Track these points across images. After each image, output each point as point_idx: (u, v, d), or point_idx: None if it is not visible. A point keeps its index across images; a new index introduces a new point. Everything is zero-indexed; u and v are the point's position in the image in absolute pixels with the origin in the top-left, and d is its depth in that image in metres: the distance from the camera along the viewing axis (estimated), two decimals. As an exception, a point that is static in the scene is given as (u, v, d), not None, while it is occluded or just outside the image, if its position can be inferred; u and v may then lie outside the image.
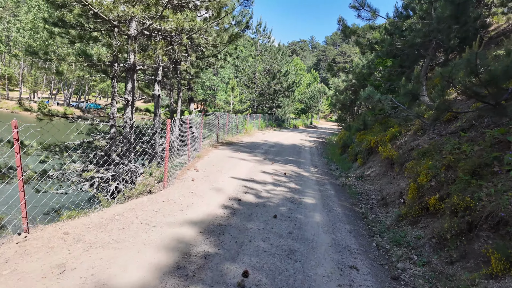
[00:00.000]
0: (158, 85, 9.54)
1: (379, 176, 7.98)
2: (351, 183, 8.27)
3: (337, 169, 10.32)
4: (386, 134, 9.00)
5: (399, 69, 7.78)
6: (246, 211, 5.00)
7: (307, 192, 6.72)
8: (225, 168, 7.94)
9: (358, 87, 16.26)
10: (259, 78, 30.85)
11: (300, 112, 55.66)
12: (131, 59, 6.69)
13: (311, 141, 19.14)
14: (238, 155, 10.33)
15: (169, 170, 6.74)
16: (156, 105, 9.66)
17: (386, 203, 6.30)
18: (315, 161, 11.29)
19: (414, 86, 4.64)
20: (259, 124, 24.18)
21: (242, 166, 8.48)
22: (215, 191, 5.89)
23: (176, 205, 4.87)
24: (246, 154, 10.73)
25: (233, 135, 17.26)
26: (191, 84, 13.32)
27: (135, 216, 4.28)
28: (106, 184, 6.66)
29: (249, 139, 15.96)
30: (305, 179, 7.93)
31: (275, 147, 13.71)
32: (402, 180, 6.54)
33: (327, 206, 5.90)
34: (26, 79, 59.45)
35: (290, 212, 5.24)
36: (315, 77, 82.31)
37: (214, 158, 9.32)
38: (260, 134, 19.83)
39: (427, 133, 6.83)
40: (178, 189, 5.74)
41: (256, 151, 11.87)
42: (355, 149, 11.11)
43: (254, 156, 10.44)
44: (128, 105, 6.86)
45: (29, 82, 60.24)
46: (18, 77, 58.81)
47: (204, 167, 7.83)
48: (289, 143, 16.08)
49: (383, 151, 8.09)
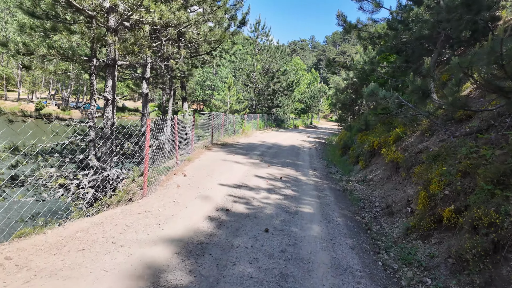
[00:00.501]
0: (146, 83, 8.94)
1: (383, 180, 7.36)
2: (353, 188, 7.66)
3: (338, 172, 9.70)
4: (390, 135, 8.38)
5: (404, 64, 7.18)
6: (234, 224, 4.39)
7: (305, 199, 6.11)
8: (216, 173, 7.33)
9: (359, 85, 15.65)
10: (257, 77, 30.25)
11: (300, 112, 55.07)
12: (111, 54, 6.09)
13: (310, 142, 18.53)
14: (232, 157, 9.72)
15: (152, 176, 6.14)
16: (144, 104, 9.07)
17: (392, 212, 5.69)
18: (314, 163, 10.68)
19: (424, 81, 4.03)
20: (257, 124, 23.57)
21: (235, 170, 7.87)
22: (202, 199, 5.28)
23: (153, 218, 4.26)
24: (241, 156, 10.12)
25: (230, 135, 16.66)
26: (184, 82, 12.71)
27: (101, 232, 3.68)
28: (86, 191, 6.05)
29: (246, 140, 15.35)
30: (303, 184, 7.32)
31: (273, 149, 13.10)
32: (409, 186, 5.92)
33: (327, 216, 5.29)
34: (24, 79, 58.97)
35: (285, 224, 4.63)
36: (315, 76, 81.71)
37: (206, 161, 8.71)
38: (258, 135, 19.22)
39: (436, 134, 6.22)
40: (159, 198, 5.14)
41: (252, 153, 11.26)
42: (356, 150, 10.49)
43: (250, 159, 9.83)
44: (108, 104, 6.26)
45: (27, 83, 59.77)
46: (16, 77, 58.35)
47: (193, 172, 7.22)
48: (288, 144, 15.47)
49: (387, 154, 7.48)
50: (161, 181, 6.16)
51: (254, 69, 30.13)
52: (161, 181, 6.16)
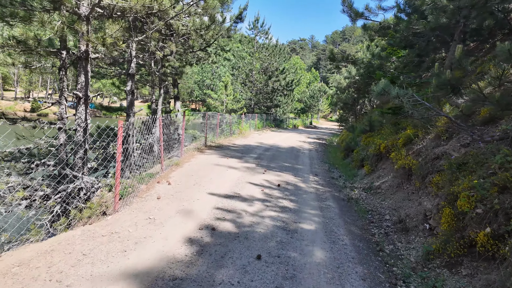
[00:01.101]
0: (132, 81, 8.15)
1: (392, 189, 6.58)
2: (358, 197, 6.88)
3: (341, 177, 8.92)
4: (399, 138, 7.60)
5: (416, 59, 6.40)
6: (220, 248, 3.60)
7: (305, 212, 5.33)
8: (205, 180, 6.54)
9: (362, 84, 14.86)
10: (256, 76, 29.46)
11: (300, 112, 54.35)
12: (83, 45, 5.30)
13: (310, 142, 17.74)
14: (226, 161, 8.93)
15: (131, 185, 5.35)
16: (130, 103, 8.28)
17: (406, 228, 4.91)
18: (315, 167, 9.89)
19: (454, 74, 3.25)
20: (255, 124, 22.78)
21: (227, 176, 7.08)
22: (184, 215, 4.49)
23: (120, 242, 3.47)
24: (235, 160, 9.33)
25: (226, 136, 15.88)
26: (177, 80, 11.92)
27: (47, 265, 2.89)
28: (52, 204, 5.26)
29: (243, 141, 14.56)
30: (303, 193, 6.54)
31: (271, 151, 12.31)
32: (425, 197, 5.14)
33: (331, 234, 4.51)
34: (20, 78, 58.14)
35: (281, 247, 3.84)
36: (315, 76, 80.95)
37: (196, 165, 7.92)
38: (256, 135, 18.44)
39: (456, 138, 5.44)
40: (133, 214, 4.35)
41: (248, 155, 10.47)
42: (360, 153, 9.71)
43: (245, 163, 9.04)
44: (81, 103, 5.47)
45: (24, 82, 58.92)
46: (13, 76, 57.51)
47: (179, 179, 6.43)
48: (287, 146, 14.68)
49: (397, 159, 6.70)
50: (140, 191, 5.37)
51: (252, 68, 29.34)
52: (140, 191, 5.37)
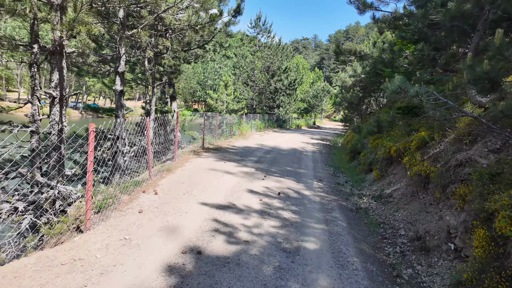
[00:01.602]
0: (121, 79, 7.54)
1: (406, 198, 5.90)
2: (368, 206, 6.20)
3: (347, 182, 8.24)
4: (412, 140, 6.91)
5: (433, 53, 5.72)
6: (204, 280, 2.96)
7: (309, 226, 4.67)
8: (198, 188, 5.90)
9: (368, 82, 14.15)
10: (258, 76, 28.81)
11: (303, 112, 53.67)
12: (56, 38, 4.69)
13: (314, 144, 17.05)
14: (223, 165, 8.29)
15: (112, 195, 4.74)
16: (118, 103, 7.67)
17: (426, 247, 4.23)
18: (319, 171, 9.22)
19: (495, 65, 2.59)
20: (257, 125, 22.14)
21: (223, 183, 6.44)
22: (166, 234, 3.85)
23: (82, 273, 2.84)
24: (233, 164, 8.69)
25: (226, 138, 15.25)
26: (172, 79, 11.32)
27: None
28: (20, 217, 4.66)
29: (243, 143, 13.92)
30: (306, 202, 5.88)
31: (272, 153, 11.66)
32: (447, 211, 4.46)
33: (339, 255, 3.85)
34: (23, 79, 58.09)
35: (280, 276, 3.19)
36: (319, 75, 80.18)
37: (189, 171, 7.28)
38: (257, 137, 17.79)
39: (482, 142, 4.74)
40: (106, 232, 3.72)
41: (248, 159, 9.82)
42: (368, 157, 9.02)
43: (243, 167, 8.39)
44: (55, 103, 4.86)
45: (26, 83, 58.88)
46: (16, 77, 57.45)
47: (169, 187, 5.80)
48: (289, 148, 14.01)
49: (411, 164, 6.02)
50: (122, 203, 4.74)
51: (254, 67, 28.69)
52: (122, 203, 4.74)
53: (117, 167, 7.50)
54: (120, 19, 7.32)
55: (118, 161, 7.65)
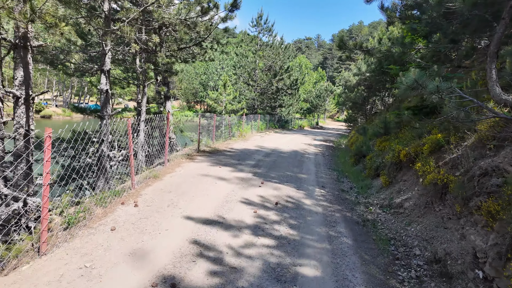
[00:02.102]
0: (106, 78, 6.96)
1: (419, 209, 5.23)
2: (376, 218, 5.55)
3: (352, 189, 7.59)
4: (424, 143, 6.25)
5: (450, 45, 5.05)
6: (173, 326, 2.34)
7: (309, 245, 4.03)
8: (185, 198, 5.29)
9: (373, 81, 13.46)
10: (259, 75, 28.20)
11: (306, 112, 53.00)
12: (20, 29, 4.10)
13: (316, 145, 16.39)
14: (217, 170, 7.68)
15: (85, 209, 4.14)
16: (104, 103, 7.09)
17: (448, 273, 3.57)
18: (322, 176, 8.57)
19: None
20: (257, 125, 21.52)
21: (214, 192, 5.82)
22: (138, 259, 3.24)
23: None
24: (229, 168, 8.08)
25: (225, 139, 14.66)
26: (167, 78, 10.73)
27: None
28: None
29: (242, 145, 13.30)
30: (307, 213, 5.24)
31: (271, 156, 11.03)
32: (471, 229, 3.79)
33: (343, 285, 3.21)
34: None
35: (270, 317, 2.56)
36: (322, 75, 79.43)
37: (179, 178, 6.68)
38: (258, 138, 17.17)
39: (511, 147, 4.07)
40: (65, 258, 3.11)
41: (245, 162, 9.20)
42: (375, 161, 8.35)
43: (239, 172, 7.77)
44: (19, 105, 4.28)
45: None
46: None
47: (152, 197, 5.19)
48: (290, 150, 13.37)
49: (424, 171, 5.35)
50: (94, 217, 4.14)
51: (256, 67, 28.09)
52: (94, 217, 4.14)
53: (102, 173, 6.92)
54: (105, 13, 6.75)
55: (104, 166, 7.06)
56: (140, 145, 8.42)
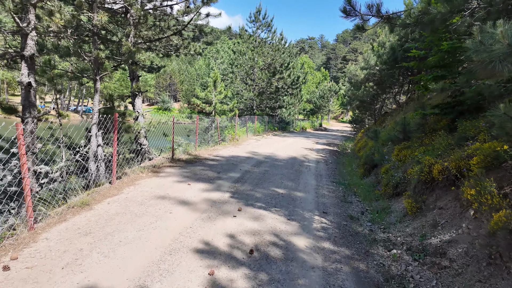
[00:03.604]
0: (27, 66, 5.11)
1: (477, 264, 3.26)
2: (404, 273, 3.59)
3: (364, 214, 5.63)
4: (470, 155, 4.29)
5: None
6: None
7: None
8: (103, 247, 3.38)
9: (385, 75, 11.47)
10: (258, 74, 26.32)
11: (309, 113, 51.15)
12: None
13: (318, 150, 14.40)
14: (182, 190, 5.78)
15: None
16: (26, 101, 5.23)
17: None
18: (323, 194, 6.62)
19: None
20: (254, 128, 19.61)
21: (159, 231, 3.91)
22: None
23: None
24: (201, 186, 6.18)
25: (215, 144, 12.78)
26: (135, 71, 8.89)
27: None
28: None
29: (231, 151, 11.39)
30: (298, 271, 3.31)
31: (263, 165, 9.10)
32: None
33: None
34: (24, 82, 56.93)
35: None
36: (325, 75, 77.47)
37: (118, 205, 4.76)
38: (253, 142, 15.25)
39: None
40: None
41: (227, 175, 7.29)
42: (393, 175, 6.36)
43: (213, 191, 5.87)
44: None
45: (27, 86, 57.73)
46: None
47: (48, 247, 3.29)
48: (287, 156, 11.42)
49: (482, 203, 3.39)
50: None
51: (254, 64, 26.23)
52: None
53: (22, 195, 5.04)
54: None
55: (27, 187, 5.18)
56: (92, 154, 6.54)
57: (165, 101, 66.00)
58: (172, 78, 78.00)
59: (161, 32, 10.95)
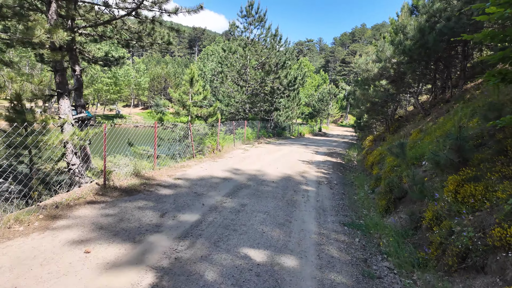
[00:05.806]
0: None
1: None
2: None
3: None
4: None
5: None
6: None
7: None
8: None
9: (408, 68, 8.75)
10: (251, 74, 23.67)
11: (308, 117, 48.59)
12: None
13: (319, 164, 11.63)
14: (59, 271, 3.02)
15: None
16: None
17: None
18: (331, 257, 3.86)
19: None
20: (244, 135, 16.88)
21: None
22: None
23: None
24: (109, 252, 3.43)
25: (187, 158, 10.05)
26: (57, 64, 6.18)
27: None
28: None
29: (203, 169, 8.63)
30: None
31: (241, 194, 6.35)
32: None
33: None
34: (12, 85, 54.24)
35: None
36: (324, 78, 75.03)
37: None
38: (239, 153, 12.50)
39: None
40: None
41: (173, 221, 4.54)
42: (452, 231, 3.59)
43: (122, 270, 3.11)
44: None
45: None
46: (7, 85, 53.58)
47: None
48: (279, 175, 8.66)
49: None
50: None
51: (246, 63, 23.59)
52: None
53: None
54: None
55: None
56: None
57: (159, 104, 63.25)
58: (167, 82, 75.36)
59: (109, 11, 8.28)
